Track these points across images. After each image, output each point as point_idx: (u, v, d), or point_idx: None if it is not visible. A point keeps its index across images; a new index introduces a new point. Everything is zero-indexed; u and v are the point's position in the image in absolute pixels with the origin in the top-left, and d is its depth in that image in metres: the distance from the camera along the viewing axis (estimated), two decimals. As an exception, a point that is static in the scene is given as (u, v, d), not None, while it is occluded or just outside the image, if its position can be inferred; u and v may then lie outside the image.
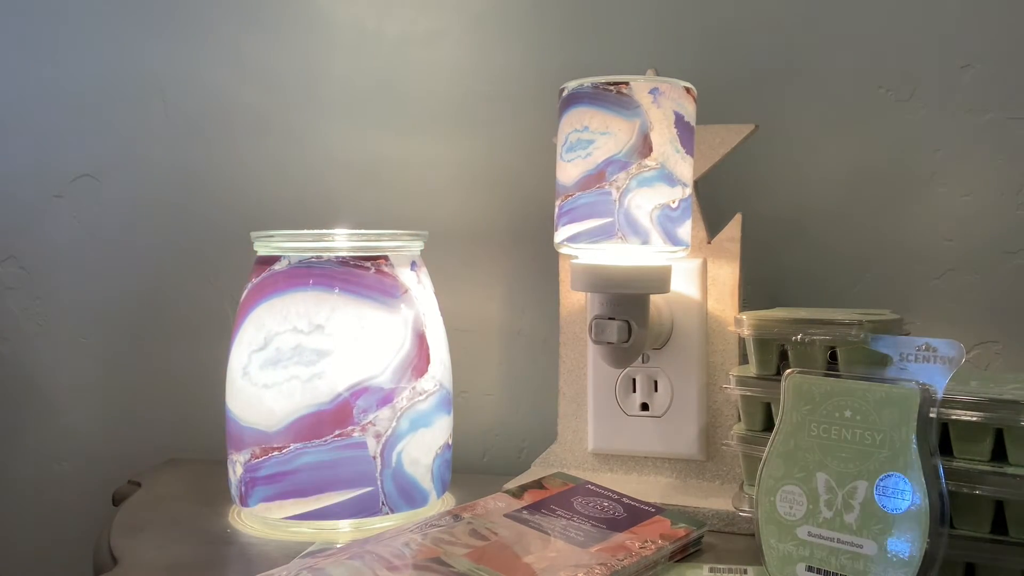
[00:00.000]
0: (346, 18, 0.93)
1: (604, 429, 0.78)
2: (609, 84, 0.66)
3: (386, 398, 0.67)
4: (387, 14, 0.92)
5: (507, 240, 0.91)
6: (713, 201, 0.79)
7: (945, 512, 0.52)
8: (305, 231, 0.69)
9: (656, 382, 0.77)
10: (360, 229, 0.71)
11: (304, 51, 0.93)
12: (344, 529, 0.67)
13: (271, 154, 0.94)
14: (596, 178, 0.66)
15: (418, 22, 0.91)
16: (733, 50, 0.85)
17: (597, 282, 0.68)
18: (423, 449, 0.69)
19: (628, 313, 0.68)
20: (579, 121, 0.67)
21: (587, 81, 0.67)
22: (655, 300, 0.74)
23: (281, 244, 0.69)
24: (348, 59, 0.93)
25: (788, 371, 0.59)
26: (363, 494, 0.67)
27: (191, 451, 0.95)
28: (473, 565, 0.55)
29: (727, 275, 0.75)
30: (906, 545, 0.51)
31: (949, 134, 0.81)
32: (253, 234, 0.71)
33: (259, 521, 0.69)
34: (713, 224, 0.76)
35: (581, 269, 0.69)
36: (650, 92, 0.66)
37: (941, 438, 0.54)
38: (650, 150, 0.66)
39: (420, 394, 0.69)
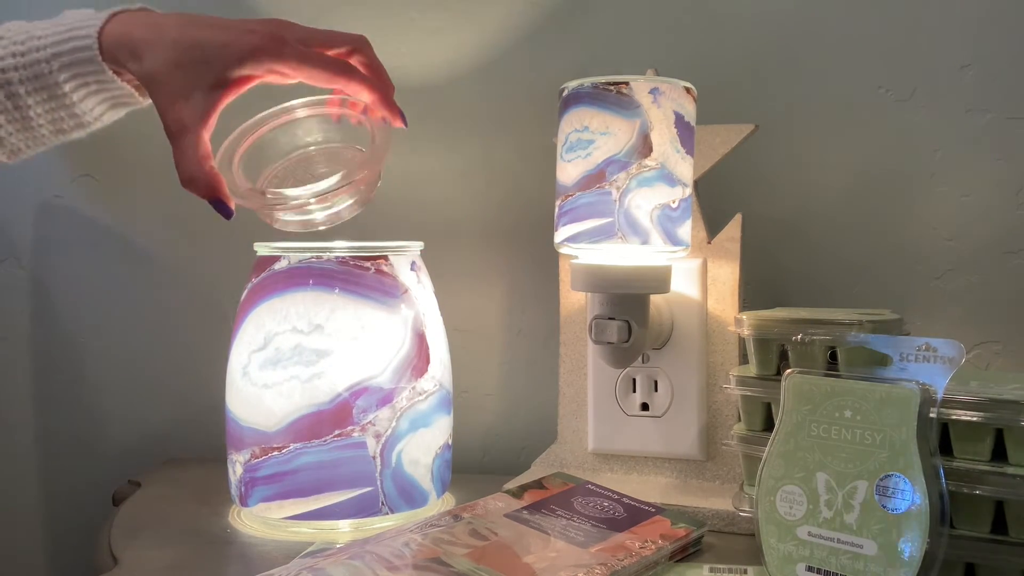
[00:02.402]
0: (345, 17, 0.93)
1: (604, 429, 0.78)
2: (609, 84, 0.66)
3: (386, 398, 0.67)
4: (387, 13, 0.92)
5: (507, 240, 0.91)
6: (713, 201, 0.79)
7: (945, 512, 0.52)
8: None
9: (656, 382, 0.77)
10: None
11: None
12: (344, 529, 0.67)
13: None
14: (596, 178, 0.66)
15: (418, 21, 0.91)
16: (733, 50, 0.85)
17: (597, 282, 0.68)
18: (423, 449, 0.69)
19: (628, 313, 0.68)
20: (579, 121, 0.67)
21: (587, 81, 0.67)
22: (655, 300, 0.74)
23: (281, 244, 0.69)
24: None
25: (788, 371, 0.59)
26: (363, 494, 0.67)
27: (191, 451, 0.95)
28: (473, 565, 0.55)
29: (727, 275, 0.75)
30: (906, 545, 0.51)
31: (949, 134, 0.81)
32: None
33: (259, 521, 0.69)
34: (713, 224, 0.76)
35: (581, 269, 0.69)
36: (650, 92, 0.66)
37: (941, 438, 0.54)
38: (650, 150, 0.66)
39: (420, 394, 0.69)
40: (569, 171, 0.68)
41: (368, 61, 0.67)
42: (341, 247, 0.69)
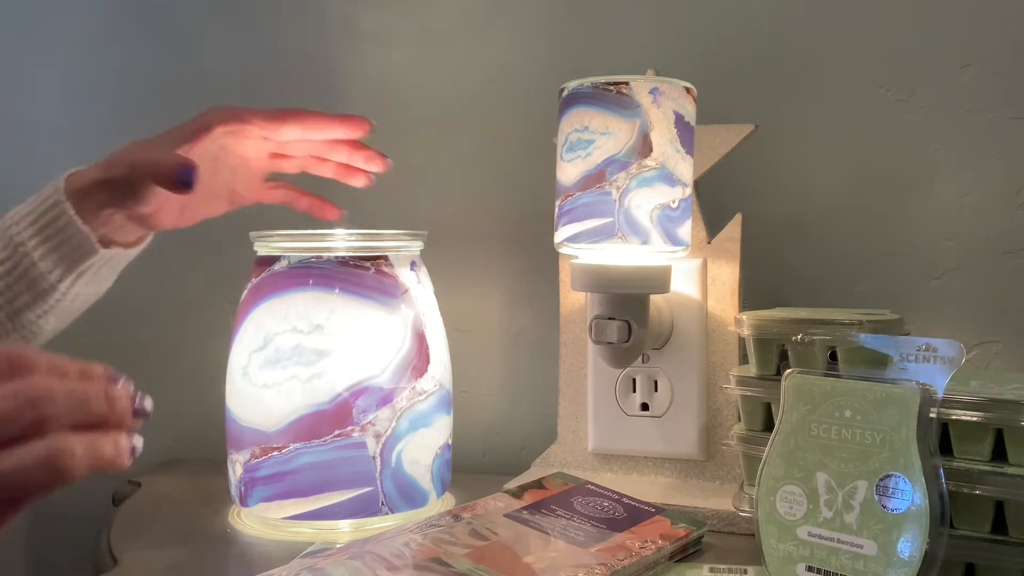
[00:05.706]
0: (345, 17, 0.93)
1: (604, 429, 0.78)
2: (609, 84, 0.66)
3: (386, 398, 0.67)
4: (387, 13, 0.92)
5: (507, 240, 0.91)
6: (713, 201, 0.79)
7: (945, 512, 0.52)
8: (305, 231, 0.69)
9: (656, 382, 0.77)
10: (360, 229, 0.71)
11: (304, 51, 0.93)
12: (344, 529, 0.67)
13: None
14: (596, 178, 0.66)
15: (418, 21, 0.91)
16: (733, 50, 0.85)
17: (597, 282, 0.68)
18: (423, 449, 0.69)
19: (628, 313, 0.68)
20: (579, 121, 0.67)
21: (587, 81, 0.67)
22: (655, 300, 0.74)
23: (281, 244, 0.69)
24: (348, 58, 0.93)
25: (788, 371, 0.59)
26: (363, 494, 0.67)
27: (191, 451, 0.95)
28: (473, 565, 0.55)
29: (727, 275, 0.75)
30: (906, 545, 0.51)
31: (949, 134, 0.81)
32: (252, 234, 0.71)
33: (259, 521, 0.69)
34: (713, 224, 0.76)
35: (581, 269, 0.69)
36: (650, 92, 0.66)
37: (941, 438, 0.54)
38: (650, 150, 0.66)
39: (420, 394, 0.69)
40: (569, 171, 0.68)
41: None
42: (341, 247, 0.68)
